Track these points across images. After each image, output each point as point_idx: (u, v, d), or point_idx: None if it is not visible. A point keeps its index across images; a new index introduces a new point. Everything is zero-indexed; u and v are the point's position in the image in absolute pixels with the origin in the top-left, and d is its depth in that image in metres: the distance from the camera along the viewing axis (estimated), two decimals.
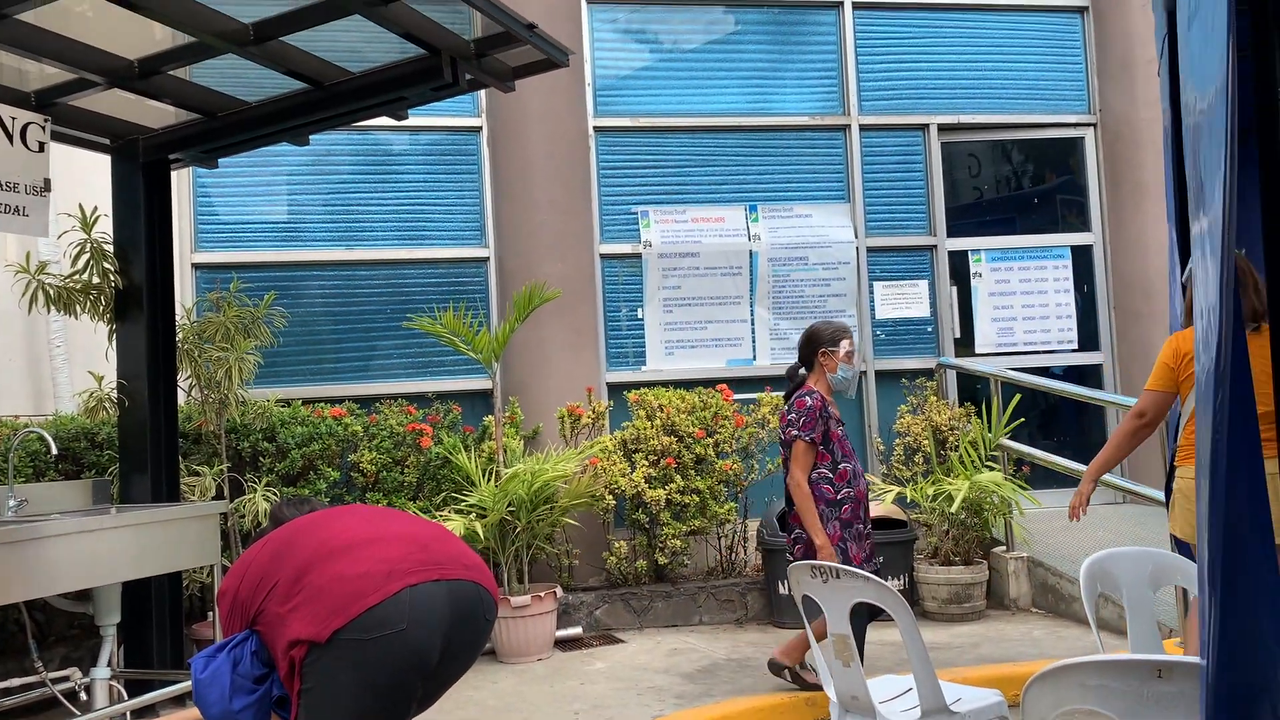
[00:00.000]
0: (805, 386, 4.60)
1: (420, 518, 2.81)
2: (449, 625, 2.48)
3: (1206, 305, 1.41)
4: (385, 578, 2.41)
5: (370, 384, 6.88)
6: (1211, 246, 1.38)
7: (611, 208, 7.30)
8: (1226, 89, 1.26)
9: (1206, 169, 1.40)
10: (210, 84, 4.53)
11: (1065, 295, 7.92)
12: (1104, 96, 7.93)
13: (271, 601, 2.48)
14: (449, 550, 2.60)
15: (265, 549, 2.61)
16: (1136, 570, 3.01)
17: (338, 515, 2.70)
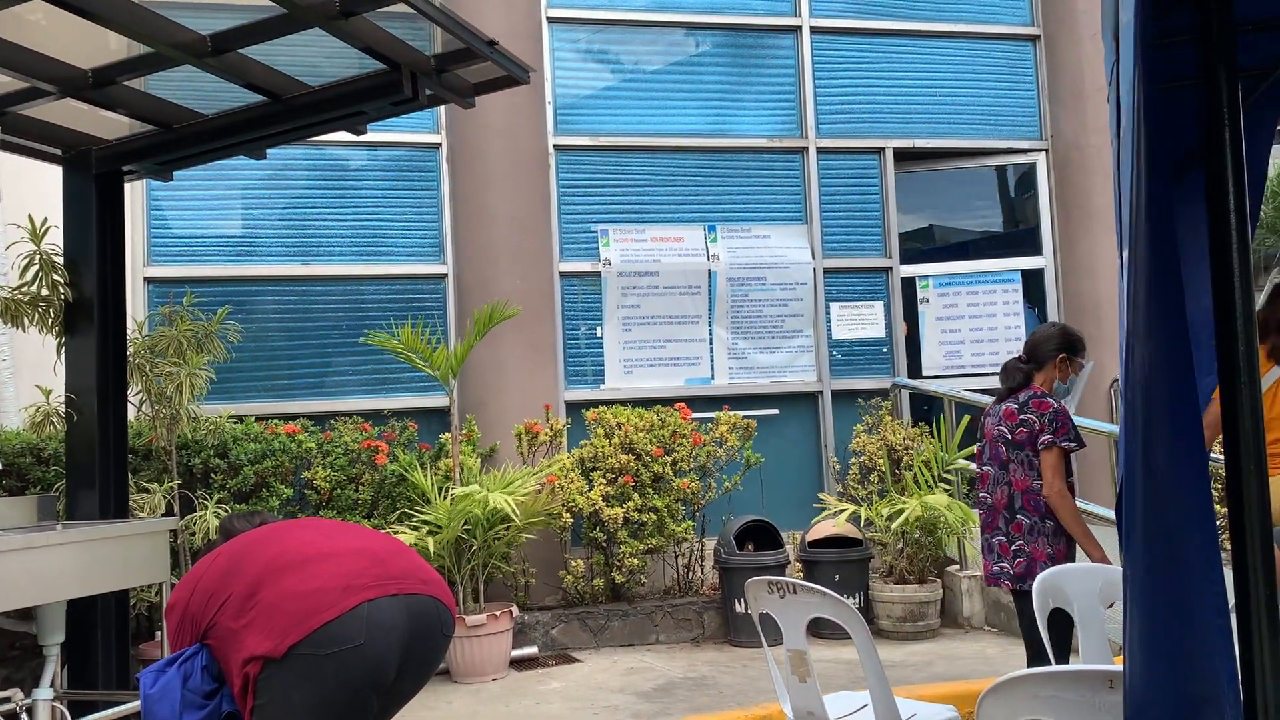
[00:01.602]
0: (1034, 387, 4.15)
1: (377, 532, 2.78)
2: (406, 640, 2.45)
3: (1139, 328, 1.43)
4: (342, 592, 2.39)
5: (325, 400, 6.81)
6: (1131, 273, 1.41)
7: (571, 226, 7.31)
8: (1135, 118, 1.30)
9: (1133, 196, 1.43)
10: (166, 95, 4.48)
11: (1015, 318, 8.05)
12: (1055, 123, 8.09)
13: (224, 616, 2.43)
14: (406, 565, 2.58)
15: (217, 562, 2.57)
16: (1088, 586, 3.06)
17: (292, 528, 2.67)
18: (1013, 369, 4.20)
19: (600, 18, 7.47)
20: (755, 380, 7.48)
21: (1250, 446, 1.43)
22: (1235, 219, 1.51)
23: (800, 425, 7.58)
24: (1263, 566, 1.41)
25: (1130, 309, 1.37)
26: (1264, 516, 1.42)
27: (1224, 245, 1.51)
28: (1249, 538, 1.42)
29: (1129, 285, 1.37)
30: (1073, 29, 7.98)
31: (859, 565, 6.47)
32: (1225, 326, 1.48)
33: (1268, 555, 1.41)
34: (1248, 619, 1.41)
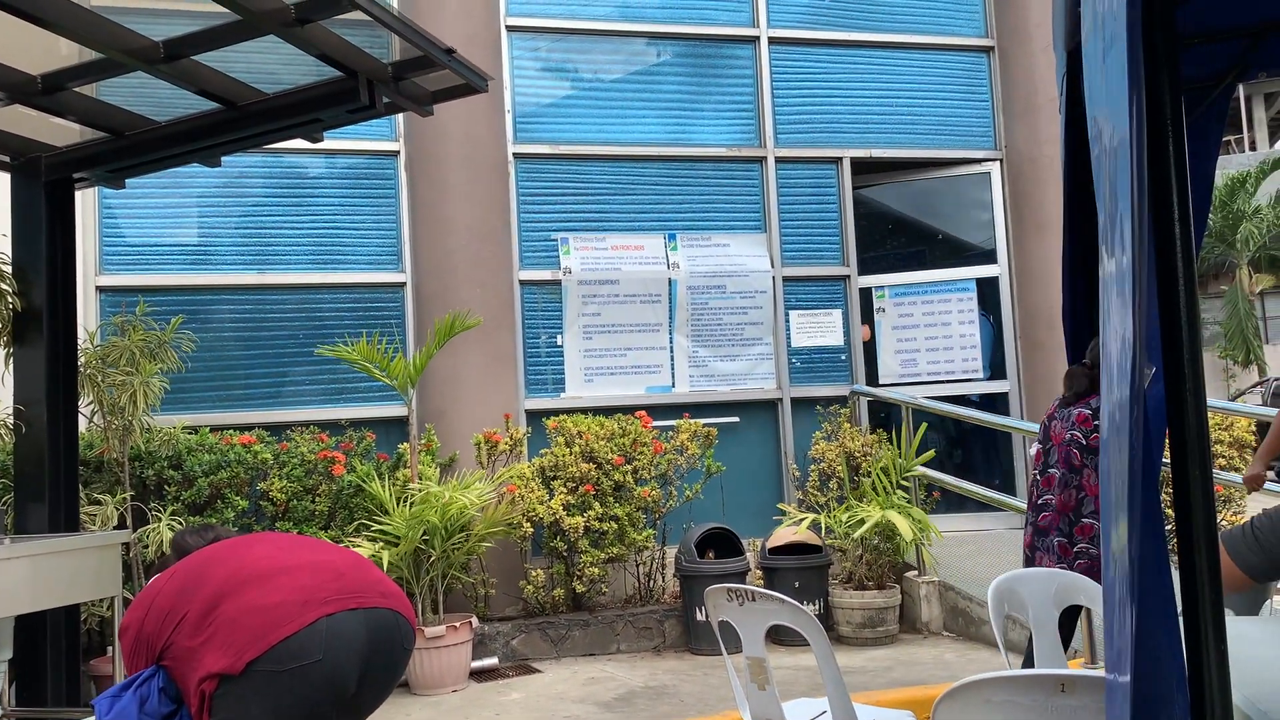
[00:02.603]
0: None
1: (335, 545, 2.75)
2: (366, 654, 2.44)
3: (1125, 337, 1.44)
4: (301, 607, 2.37)
5: (282, 410, 6.73)
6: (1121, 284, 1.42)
7: (531, 234, 7.29)
8: (1133, 123, 1.32)
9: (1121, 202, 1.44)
10: (118, 102, 4.42)
11: (970, 327, 8.15)
12: (1009, 133, 8.21)
13: (180, 635, 2.39)
14: (365, 578, 2.56)
15: (172, 581, 2.53)
16: (1041, 591, 3.10)
17: (249, 544, 2.63)
18: (1079, 375, 4.14)
19: (559, 26, 7.47)
20: (716, 388, 7.50)
21: (1196, 453, 1.46)
22: (1180, 228, 1.54)
23: (760, 433, 7.61)
24: (1208, 570, 1.44)
25: (1134, 318, 1.36)
26: (1209, 521, 1.44)
27: (1169, 255, 1.53)
28: (1195, 541, 1.45)
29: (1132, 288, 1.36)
30: (1026, 41, 8.11)
31: (818, 572, 6.51)
32: (1171, 335, 1.50)
33: (1213, 559, 1.44)
34: (1195, 622, 1.43)
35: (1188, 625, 1.43)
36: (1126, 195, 1.37)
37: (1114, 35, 1.37)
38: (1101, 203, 1.59)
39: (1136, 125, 1.33)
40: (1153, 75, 1.53)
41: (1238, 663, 1.78)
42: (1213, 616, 1.42)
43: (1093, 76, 1.64)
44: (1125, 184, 1.37)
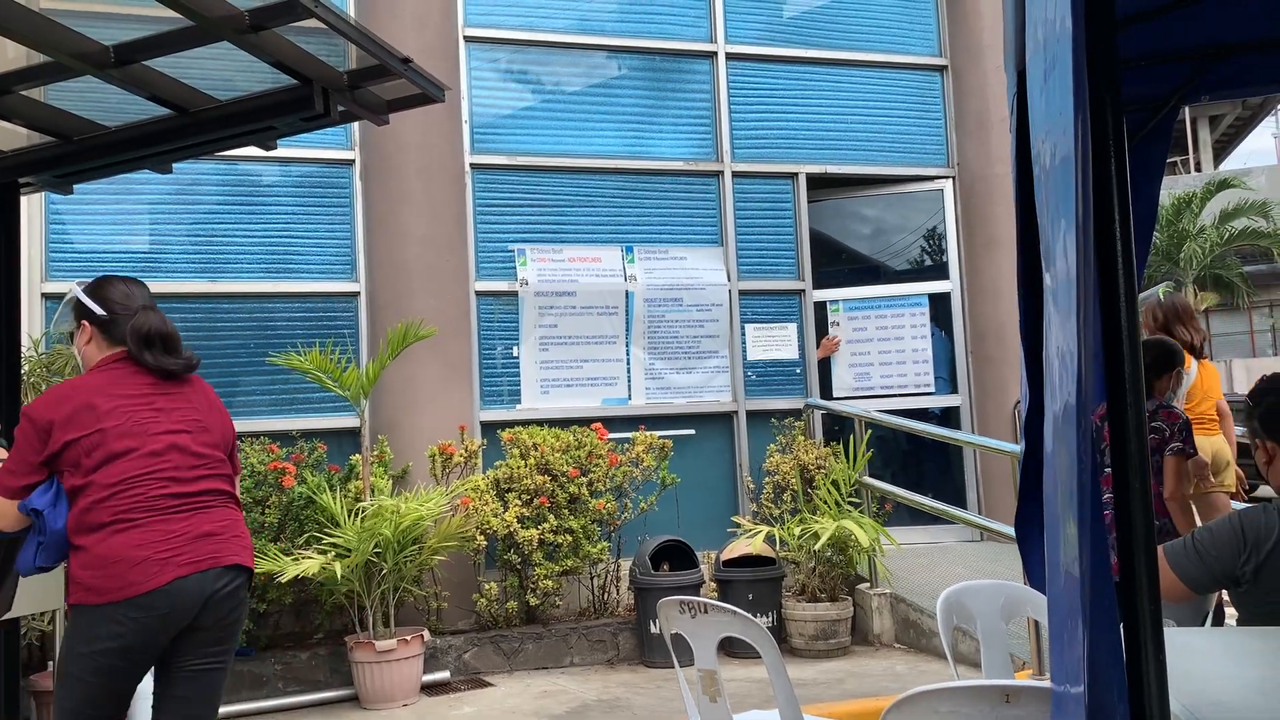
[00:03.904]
0: (1157, 396, 4.26)
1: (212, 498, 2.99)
2: (204, 608, 2.84)
3: (1065, 350, 1.47)
4: (162, 565, 2.77)
5: None
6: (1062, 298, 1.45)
7: (488, 245, 7.27)
8: (1077, 143, 1.34)
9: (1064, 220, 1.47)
10: (66, 106, 4.34)
11: (922, 341, 8.25)
12: (961, 151, 8.34)
13: (77, 459, 2.82)
14: (229, 536, 2.96)
15: (88, 398, 2.88)
16: (990, 603, 3.13)
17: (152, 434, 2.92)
18: None
19: (518, 38, 7.47)
20: (672, 400, 7.52)
21: (1136, 465, 1.49)
22: (1121, 246, 1.57)
23: (716, 445, 7.63)
24: (1148, 581, 1.46)
25: (1080, 326, 1.39)
26: (1148, 532, 1.47)
27: (1111, 272, 1.56)
28: (1135, 552, 1.47)
29: (1077, 302, 1.39)
30: (979, 60, 8.24)
31: (772, 584, 6.53)
32: (1112, 350, 1.53)
33: (1152, 570, 1.47)
34: (1135, 633, 1.45)
35: (1128, 636, 1.46)
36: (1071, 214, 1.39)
37: (1057, 57, 1.40)
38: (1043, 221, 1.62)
39: (1081, 145, 1.35)
40: (1096, 96, 1.56)
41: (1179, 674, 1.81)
42: (1152, 627, 1.44)
43: (1035, 97, 1.68)
44: (1070, 203, 1.39)
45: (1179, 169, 31.75)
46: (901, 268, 8.65)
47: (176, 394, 3.07)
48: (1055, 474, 1.49)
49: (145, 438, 2.89)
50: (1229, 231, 22.34)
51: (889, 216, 8.77)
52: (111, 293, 3.17)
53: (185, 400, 3.08)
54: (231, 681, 5.82)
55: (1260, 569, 2.42)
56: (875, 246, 8.85)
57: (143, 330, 3.02)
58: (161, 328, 3.08)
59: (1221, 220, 22.28)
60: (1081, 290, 1.38)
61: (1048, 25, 1.48)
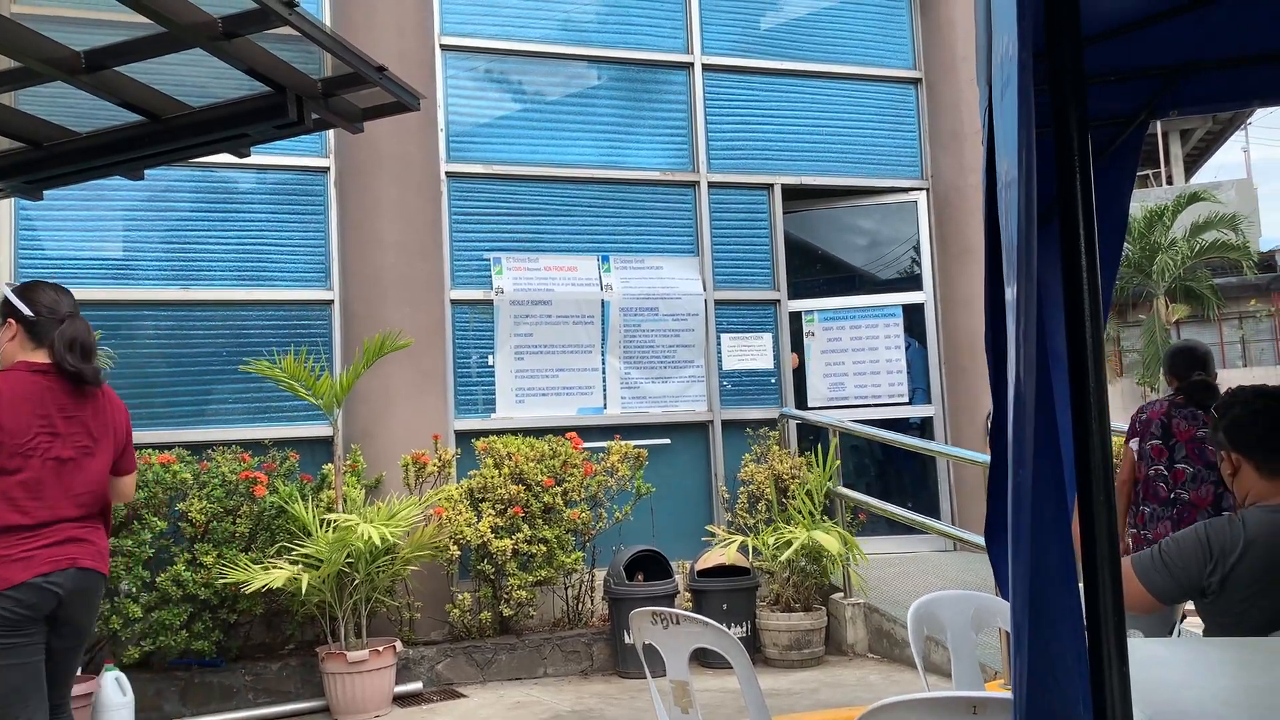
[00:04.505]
0: None
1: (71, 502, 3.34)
2: (69, 604, 3.28)
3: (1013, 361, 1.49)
4: (32, 562, 3.21)
5: (204, 429, 6.58)
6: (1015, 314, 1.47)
7: (463, 253, 7.26)
8: (1022, 164, 1.36)
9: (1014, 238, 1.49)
10: (37, 111, 4.30)
11: (896, 352, 8.30)
12: (935, 163, 8.40)
13: None
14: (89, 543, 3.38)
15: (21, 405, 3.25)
16: (960, 613, 3.15)
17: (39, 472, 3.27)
18: (1202, 386, 4.50)
19: (495, 47, 7.47)
20: (647, 410, 7.52)
21: (1100, 478, 1.50)
22: (1086, 261, 1.59)
23: (691, 455, 7.64)
24: (1112, 591, 1.48)
25: (1022, 342, 1.41)
26: (1112, 544, 1.48)
27: (1076, 286, 1.58)
28: (1099, 563, 1.49)
29: (1021, 320, 1.41)
30: (952, 74, 8.31)
31: (746, 594, 6.54)
32: (1077, 364, 1.55)
33: (1116, 580, 1.48)
34: (1098, 642, 1.47)
35: (1091, 646, 1.47)
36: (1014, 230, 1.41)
37: (1009, 77, 1.42)
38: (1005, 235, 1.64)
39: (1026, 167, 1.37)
40: (1062, 112, 1.58)
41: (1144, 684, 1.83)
42: (1115, 637, 1.45)
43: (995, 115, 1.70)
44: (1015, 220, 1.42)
45: (1151, 182, 32.11)
46: (876, 278, 8.70)
47: (76, 416, 3.42)
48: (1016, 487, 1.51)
49: (34, 460, 3.28)
50: (1200, 244, 22.61)
51: (864, 228, 8.82)
52: (40, 297, 3.53)
53: (82, 425, 3.43)
54: (201, 692, 5.78)
55: (1225, 580, 2.45)
56: (850, 257, 8.90)
57: (69, 336, 3.40)
58: (85, 337, 3.47)
59: (1192, 233, 22.54)
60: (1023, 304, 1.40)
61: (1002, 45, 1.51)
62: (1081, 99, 1.68)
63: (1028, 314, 1.41)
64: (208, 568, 5.75)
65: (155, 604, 5.72)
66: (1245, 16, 2.65)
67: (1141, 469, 4.52)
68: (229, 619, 5.92)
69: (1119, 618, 1.48)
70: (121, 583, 5.65)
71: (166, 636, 5.69)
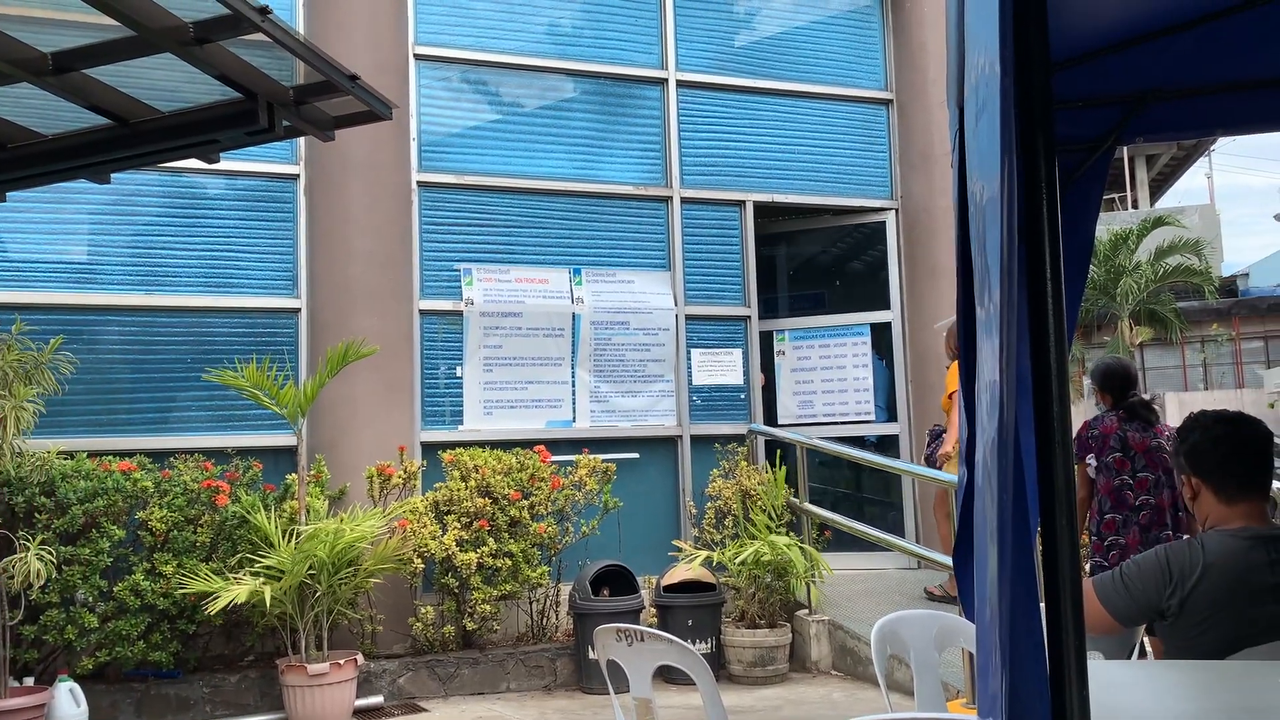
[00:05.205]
0: None
1: None
2: None
3: (989, 380, 1.50)
4: None
5: (166, 437, 6.50)
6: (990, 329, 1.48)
7: (433, 264, 7.22)
8: (1004, 182, 1.37)
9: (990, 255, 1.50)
10: (1, 113, 4.25)
11: (864, 370, 8.35)
12: (905, 184, 8.47)
13: None
14: None
15: None
16: (923, 632, 3.16)
17: None
18: (1142, 404, 5.01)
19: (469, 58, 7.46)
20: (616, 424, 7.51)
21: (1063, 502, 1.51)
22: (1052, 286, 1.60)
23: (659, 469, 7.63)
24: (1073, 615, 1.48)
25: (1004, 368, 1.41)
26: (1074, 568, 1.49)
27: (1041, 310, 1.59)
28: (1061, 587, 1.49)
29: (1003, 345, 1.42)
30: (923, 95, 8.39)
31: (712, 610, 6.53)
32: (1041, 386, 1.55)
33: (1077, 605, 1.49)
34: (1059, 667, 1.47)
35: (1052, 668, 1.47)
36: (996, 251, 1.42)
37: (986, 100, 1.43)
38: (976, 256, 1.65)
39: (1007, 188, 1.38)
40: (1029, 137, 1.59)
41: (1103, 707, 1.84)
42: (1076, 660, 1.46)
43: (969, 138, 1.71)
44: (995, 241, 1.42)
45: (1117, 205, 32.58)
46: (845, 297, 8.75)
47: None
48: (984, 506, 1.51)
49: None
50: (1163, 268, 22.95)
51: (834, 246, 8.88)
52: None
53: None
54: (158, 704, 5.68)
55: (1185, 603, 2.47)
56: (820, 275, 8.95)
57: None
58: None
59: (1156, 257, 22.88)
60: (1004, 326, 1.41)
61: (980, 69, 1.52)
62: (1049, 124, 1.69)
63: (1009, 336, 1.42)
64: (167, 577, 5.67)
65: (112, 614, 5.63)
66: (1208, 46, 2.69)
67: (1106, 481, 4.82)
68: (187, 630, 5.83)
69: (1079, 640, 1.49)
70: (78, 591, 5.56)
71: (123, 647, 5.59)
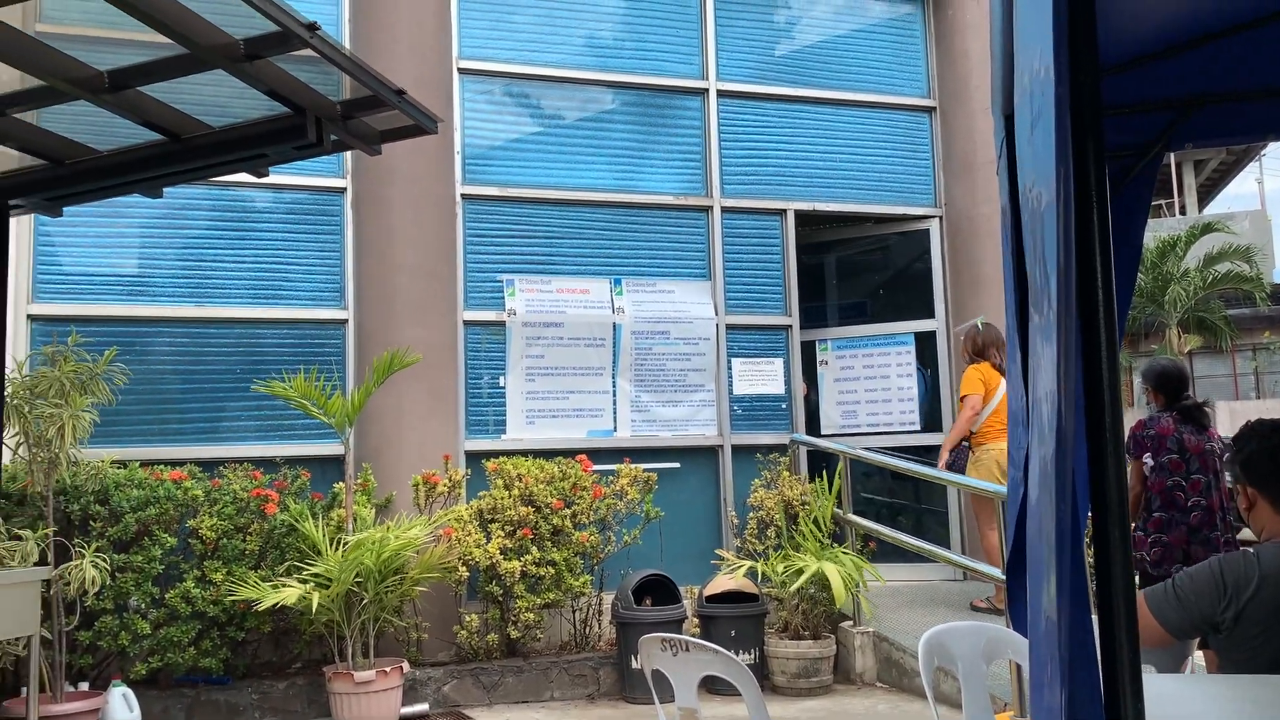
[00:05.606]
0: None
1: None
2: None
3: (1050, 394, 1.48)
4: None
5: (215, 446, 6.60)
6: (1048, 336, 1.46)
7: (477, 274, 7.29)
8: (1059, 192, 1.37)
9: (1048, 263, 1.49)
10: (59, 129, 4.35)
11: (908, 379, 8.29)
12: (949, 191, 8.42)
13: None
14: None
15: None
16: (971, 644, 3.13)
17: None
18: (1195, 407, 5.14)
19: (512, 71, 7.53)
20: (657, 433, 7.52)
21: (1116, 513, 1.50)
22: (1103, 294, 1.59)
23: (700, 479, 7.63)
24: (1127, 628, 1.47)
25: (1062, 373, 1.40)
26: (1127, 580, 1.48)
27: (1093, 319, 1.58)
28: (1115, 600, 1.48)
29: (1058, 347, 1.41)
30: (966, 103, 8.34)
31: (755, 621, 6.51)
32: (1093, 396, 1.54)
33: (1131, 617, 1.47)
34: (1113, 680, 1.46)
35: (1107, 682, 1.46)
36: (1054, 259, 1.41)
37: (1041, 109, 1.42)
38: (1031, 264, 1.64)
39: (1064, 195, 1.38)
40: (1079, 145, 1.58)
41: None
42: (1130, 673, 1.45)
43: (1022, 145, 1.70)
44: (1052, 249, 1.41)
45: (1164, 212, 32.07)
46: (888, 305, 8.70)
47: None
48: (1040, 518, 1.50)
49: None
50: (1213, 275, 22.53)
51: (876, 254, 8.83)
52: None
53: None
54: (208, 710, 5.77)
55: (1240, 616, 2.43)
56: (862, 284, 8.91)
57: None
58: None
59: (1205, 264, 22.47)
60: (1063, 336, 1.40)
61: (1033, 76, 1.51)
62: (1098, 132, 1.68)
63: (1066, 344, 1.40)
64: (217, 585, 5.76)
65: (164, 620, 5.73)
66: (1259, 50, 2.66)
67: (1159, 481, 4.94)
68: (237, 636, 5.91)
69: (1134, 654, 1.47)
70: (131, 598, 5.66)
71: (174, 653, 5.69)
